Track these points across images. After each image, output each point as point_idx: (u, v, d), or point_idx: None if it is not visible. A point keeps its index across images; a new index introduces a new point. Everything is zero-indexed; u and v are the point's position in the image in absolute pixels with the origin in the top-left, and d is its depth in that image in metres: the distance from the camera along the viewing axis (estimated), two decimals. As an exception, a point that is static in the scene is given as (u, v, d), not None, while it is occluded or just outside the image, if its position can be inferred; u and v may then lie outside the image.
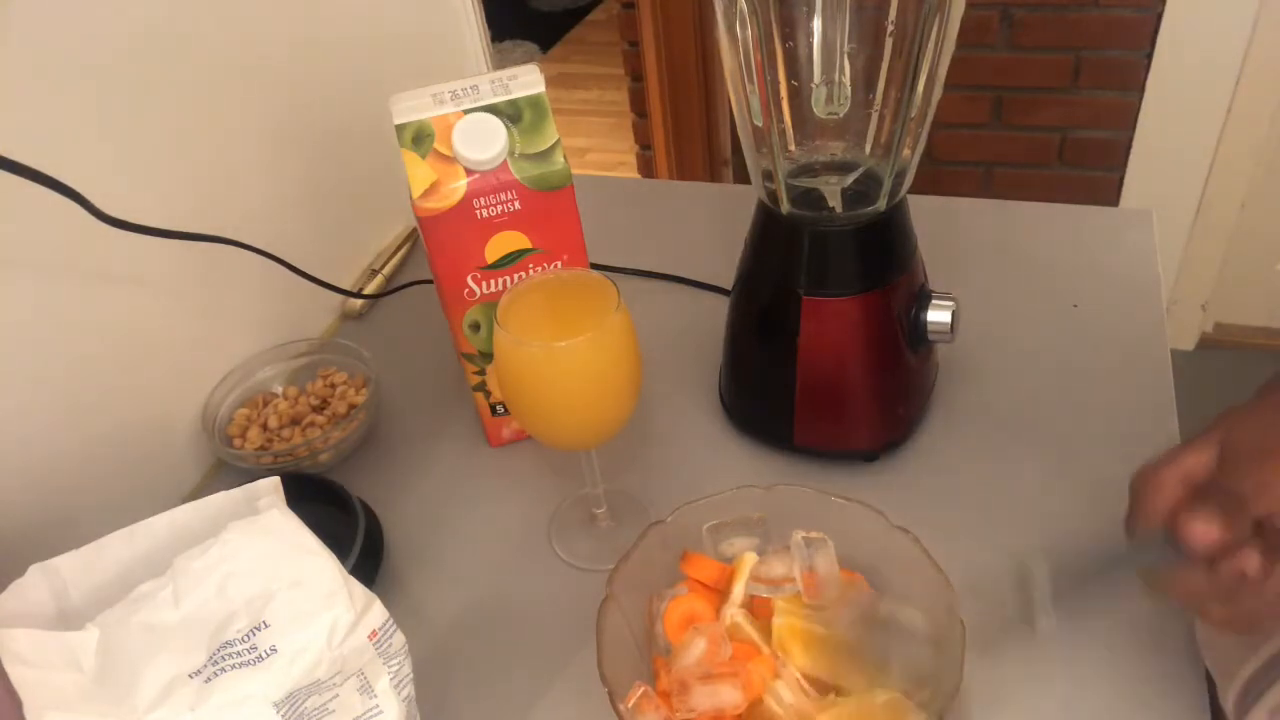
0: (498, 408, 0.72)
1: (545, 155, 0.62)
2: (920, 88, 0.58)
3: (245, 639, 0.41)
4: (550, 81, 0.62)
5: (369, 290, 0.90)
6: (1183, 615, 0.56)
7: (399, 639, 0.46)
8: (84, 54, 0.62)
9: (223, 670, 0.40)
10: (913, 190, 0.65)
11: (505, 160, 0.61)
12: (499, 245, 0.64)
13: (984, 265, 0.85)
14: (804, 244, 0.63)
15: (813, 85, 0.61)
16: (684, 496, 0.56)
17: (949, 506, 0.65)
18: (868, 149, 0.64)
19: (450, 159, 0.61)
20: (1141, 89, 1.69)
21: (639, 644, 0.53)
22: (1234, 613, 0.43)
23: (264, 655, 0.41)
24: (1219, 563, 0.41)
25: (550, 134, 0.62)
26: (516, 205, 0.62)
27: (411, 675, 0.47)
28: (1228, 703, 0.52)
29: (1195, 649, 0.55)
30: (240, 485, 0.47)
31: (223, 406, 0.75)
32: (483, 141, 0.60)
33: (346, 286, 0.88)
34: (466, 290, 0.65)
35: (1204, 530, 0.41)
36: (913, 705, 0.48)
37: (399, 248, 0.96)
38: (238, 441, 0.73)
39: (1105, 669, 0.55)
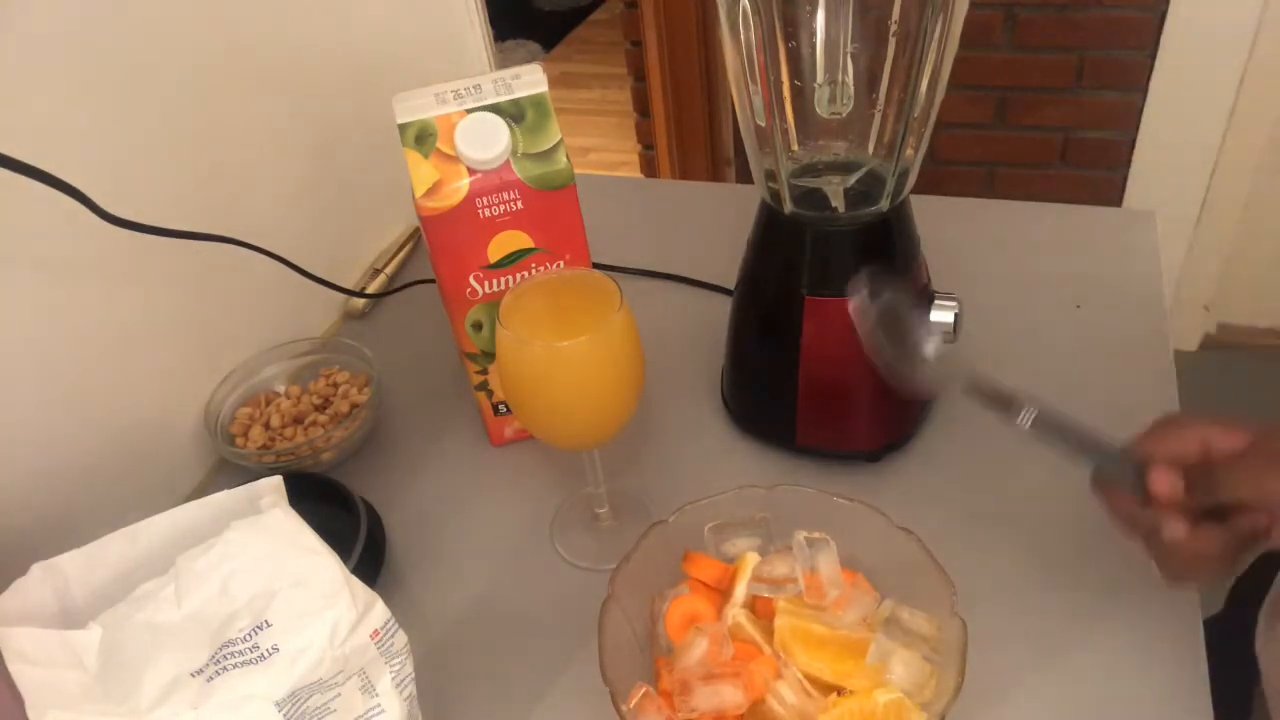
0: (500, 407, 0.72)
1: (548, 155, 0.62)
2: (923, 88, 0.58)
3: (247, 638, 0.41)
4: (553, 81, 0.62)
5: (371, 289, 0.90)
6: (1184, 621, 0.57)
7: (401, 638, 0.46)
8: (86, 53, 0.62)
9: (225, 669, 0.40)
10: (915, 190, 0.65)
11: (508, 160, 0.61)
12: (501, 245, 0.64)
13: (987, 266, 0.85)
14: (807, 244, 0.63)
15: (816, 85, 0.61)
16: (686, 496, 0.56)
17: (951, 507, 0.65)
18: (870, 149, 0.64)
19: (453, 158, 0.61)
20: (1145, 89, 1.69)
21: (641, 644, 0.53)
22: (1148, 548, 0.46)
23: (266, 654, 0.41)
24: (1156, 511, 0.45)
25: (553, 133, 0.62)
26: (519, 205, 0.62)
27: (413, 674, 0.47)
28: None
29: (1196, 651, 0.55)
30: (242, 484, 0.47)
31: (225, 405, 0.75)
32: (485, 141, 0.60)
33: (349, 286, 0.88)
34: (469, 290, 0.65)
35: (1167, 481, 0.44)
36: (914, 705, 0.47)
37: (401, 247, 0.96)
38: (240, 440, 0.73)
39: (1106, 670, 0.55)
